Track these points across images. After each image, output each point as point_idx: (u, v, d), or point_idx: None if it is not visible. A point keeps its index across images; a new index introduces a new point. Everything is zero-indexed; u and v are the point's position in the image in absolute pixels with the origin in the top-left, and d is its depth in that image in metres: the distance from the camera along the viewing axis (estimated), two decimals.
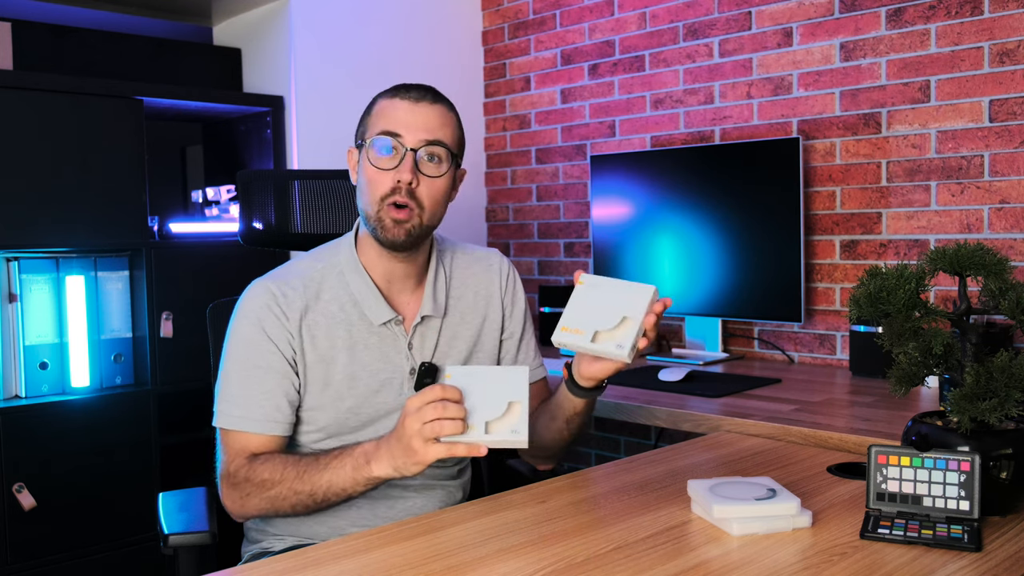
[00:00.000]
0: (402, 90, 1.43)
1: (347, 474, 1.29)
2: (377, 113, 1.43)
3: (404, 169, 1.39)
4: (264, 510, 1.36)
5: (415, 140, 1.39)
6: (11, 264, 2.33)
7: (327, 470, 1.31)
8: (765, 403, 1.94)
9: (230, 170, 2.92)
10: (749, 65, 2.57)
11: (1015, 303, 1.21)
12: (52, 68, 2.60)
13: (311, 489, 1.31)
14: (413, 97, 1.41)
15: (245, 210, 1.82)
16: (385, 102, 1.43)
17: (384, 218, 1.40)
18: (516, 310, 1.61)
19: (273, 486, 1.33)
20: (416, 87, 1.43)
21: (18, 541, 2.25)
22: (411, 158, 1.39)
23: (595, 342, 1.30)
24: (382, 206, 1.40)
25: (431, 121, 1.41)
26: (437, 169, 1.42)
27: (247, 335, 1.43)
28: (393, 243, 1.42)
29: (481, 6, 3.33)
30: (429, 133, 1.40)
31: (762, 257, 2.39)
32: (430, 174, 1.41)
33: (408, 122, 1.40)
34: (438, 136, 1.41)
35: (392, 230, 1.40)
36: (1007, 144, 2.13)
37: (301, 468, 1.32)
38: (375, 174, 1.40)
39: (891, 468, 1.19)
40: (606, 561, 1.09)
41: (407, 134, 1.39)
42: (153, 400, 2.47)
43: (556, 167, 3.11)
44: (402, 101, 1.41)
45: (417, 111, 1.40)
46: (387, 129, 1.40)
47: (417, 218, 1.41)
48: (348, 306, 1.46)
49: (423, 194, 1.41)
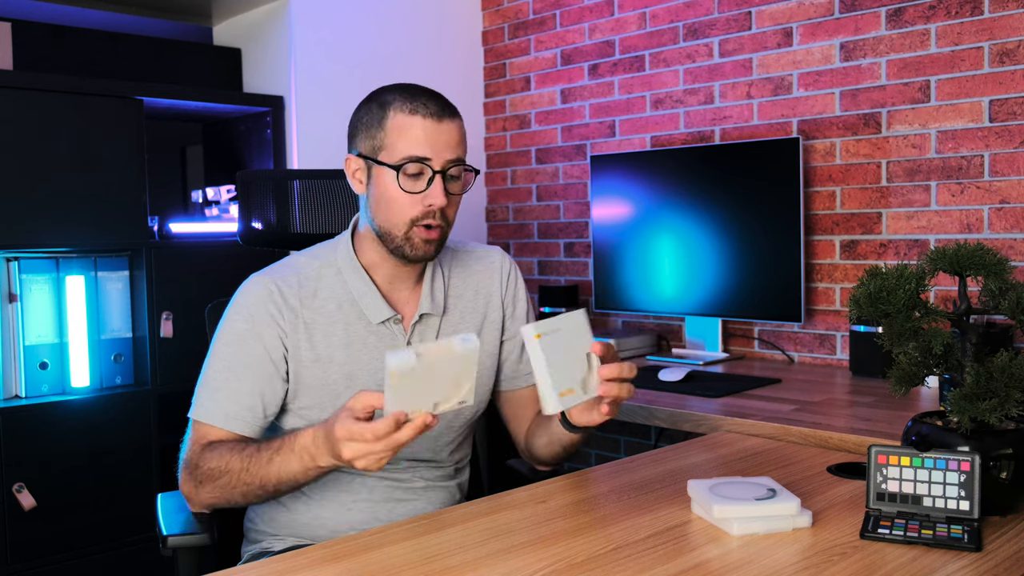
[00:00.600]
0: (420, 106, 1.38)
1: (295, 467, 1.27)
2: (396, 130, 1.38)
3: (437, 195, 1.38)
4: (217, 499, 1.36)
5: (441, 162, 1.38)
6: (11, 264, 2.33)
7: (271, 464, 1.29)
8: (765, 403, 1.94)
9: (230, 170, 2.91)
10: (749, 65, 2.57)
11: (1015, 303, 1.21)
12: (52, 68, 2.60)
13: (260, 482, 1.30)
14: (434, 115, 1.38)
15: (245, 210, 1.82)
16: (404, 119, 1.38)
17: (414, 239, 1.40)
18: (518, 311, 1.61)
19: (220, 475, 1.33)
20: (432, 100, 1.39)
21: (18, 541, 2.25)
22: (440, 181, 1.38)
23: (587, 391, 1.28)
24: (411, 227, 1.40)
25: (453, 139, 1.40)
26: (461, 186, 1.43)
27: (236, 330, 1.43)
28: (421, 259, 1.43)
29: (481, 6, 3.33)
30: (452, 152, 1.39)
31: (762, 257, 2.39)
32: (456, 192, 1.42)
33: (434, 143, 1.37)
34: (459, 153, 1.41)
35: (422, 248, 1.41)
36: (1007, 144, 2.13)
37: (246, 460, 1.31)
38: (403, 197, 1.39)
39: (891, 468, 1.19)
40: (606, 561, 1.09)
41: (434, 156, 1.38)
42: (153, 400, 2.48)
43: (556, 167, 3.11)
44: (424, 120, 1.37)
45: (441, 131, 1.38)
46: (414, 154, 1.37)
47: (444, 233, 1.43)
48: (346, 305, 1.46)
49: (450, 212, 1.43)
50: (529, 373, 1.59)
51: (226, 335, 1.44)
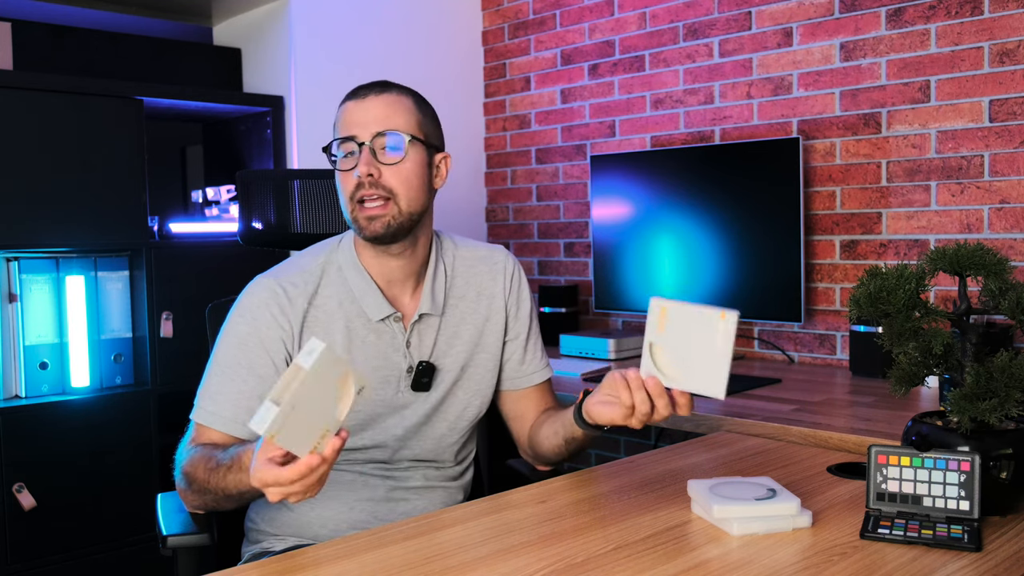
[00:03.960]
0: (351, 94, 1.44)
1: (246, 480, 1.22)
2: (335, 124, 1.44)
3: (361, 163, 1.39)
4: (199, 505, 1.36)
5: (367, 135, 1.40)
6: (11, 264, 2.33)
7: (228, 475, 1.26)
8: (765, 403, 1.94)
9: (230, 170, 2.91)
10: (749, 65, 2.57)
11: (1015, 303, 1.21)
12: (52, 68, 2.60)
13: (224, 491, 1.28)
14: (360, 95, 1.42)
15: (245, 210, 1.82)
16: (339, 111, 1.44)
17: (358, 218, 1.41)
18: (521, 312, 1.60)
19: (194, 480, 1.33)
20: (365, 85, 1.44)
21: (18, 541, 2.25)
22: (367, 151, 1.39)
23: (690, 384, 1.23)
24: (353, 206, 1.41)
25: (378, 112, 1.41)
26: (396, 156, 1.41)
27: (239, 333, 1.43)
28: (375, 238, 1.41)
29: (481, 6, 3.33)
30: (379, 124, 1.40)
31: (762, 257, 2.39)
32: (389, 161, 1.40)
33: (357, 120, 1.41)
34: (389, 125, 1.40)
35: (368, 227, 1.40)
36: (1007, 144, 2.13)
37: (209, 471, 1.30)
38: (341, 178, 1.42)
39: (891, 468, 1.19)
40: (606, 561, 1.09)
41: (359, 131, 1.40)
42: (153, 400, 2.48)
43: (556, 167, 3.11)
44: (350, 102, 1.42)
45: (364, 107, 1.41)
46: (341, 134, 1.41)
47: (394, 207, 1.40)
48: (347, 302, 1.46)
49: (391, 182, 1.40)
50: (532, 373, 1.60)
51: (228, 337, 1.44)
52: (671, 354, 1.22)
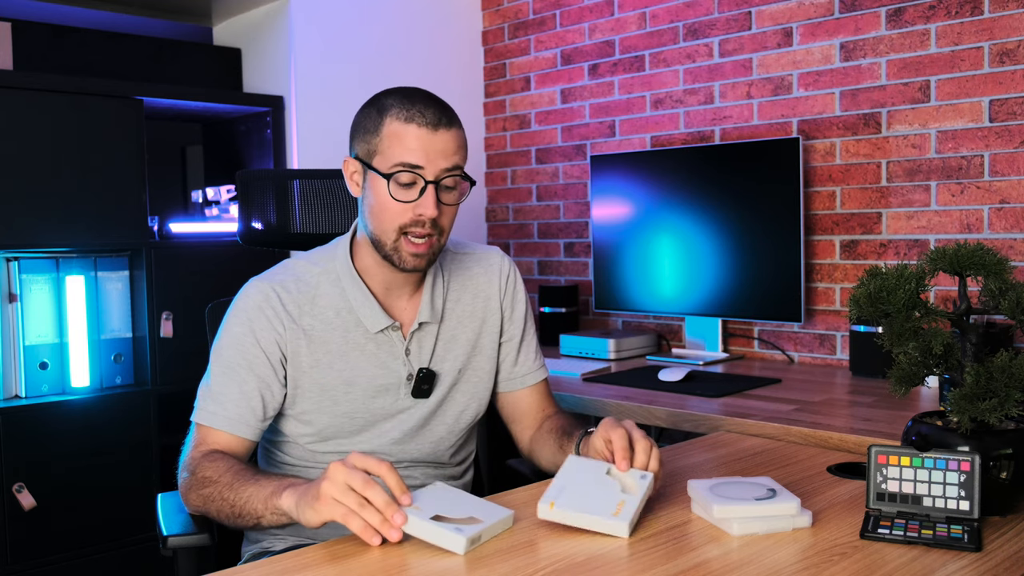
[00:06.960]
0: (417, 114, 1.35)
1: (263, 494, 1.23)
2: (390, 136, 1.35)
3: (427, 205, 1.35)
4: (198, 508, 1.34)
5: (435, 171, 1.35)
6: (11, 264, 2.33)
7: (253, 484, 1.26)
8: (765, 403, 1.94)
9: (230, 170, 2.91)
10: (749, 65, 2.57)
11: (1015, 303, 1.21)
12: (52, 68, 2.60)
13: (234, 499, 1.26)
14: (430, 124, 1.35)
15: (245, 210, 1.82)
16: (399, 126, 1.35)
17: (401, 249, 1.38)
18: (516, 313, 1.59)
19: (209, 485, 1.30)
20: (429, 108, 1.36)
21: (18, 541, 2.25)
22: (432, 191, 1.35)
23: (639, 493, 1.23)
24: (399, 236, 1.38)
25: (449, 148, 1.36)
26: (455, 196, 1.40)
27: (236, 334, 1.43)
28: (412, 271, 1.41)
29: (481, 6, 3.33)
30: (447, 161, 1.36)
31: (762, 257, 2.39)
32: (449, 202, 1.39)
33: (428, 152, 1.34)
34: (455, 161, 1.37)
35: (410, 261, 1.39)
36: (1007, 144, 2.13)
37: (235, 475, 1.29)
38: (393, 205, 1.36)
39: (891, 468, 1.19)
40: (606, 561, 1.09)
41: (427, 165, 1.35)
42: (153, 400, 2.48)
43: (556, 167, 3.11)
44: (419, 129, 1.34)
45: (436, 140, 1.35)
46: (406, 162, 1.34)
47: (437, 242, 1.40)
48: (344, 312, 1.45)
49: (443, 221, 1.39)
50: (524, 375, 1.59)
51: (225, 339, 1.44)
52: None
